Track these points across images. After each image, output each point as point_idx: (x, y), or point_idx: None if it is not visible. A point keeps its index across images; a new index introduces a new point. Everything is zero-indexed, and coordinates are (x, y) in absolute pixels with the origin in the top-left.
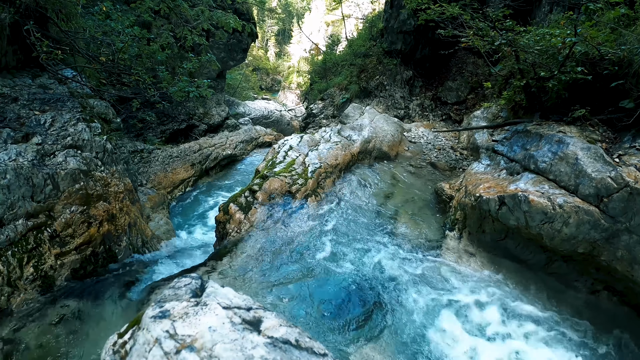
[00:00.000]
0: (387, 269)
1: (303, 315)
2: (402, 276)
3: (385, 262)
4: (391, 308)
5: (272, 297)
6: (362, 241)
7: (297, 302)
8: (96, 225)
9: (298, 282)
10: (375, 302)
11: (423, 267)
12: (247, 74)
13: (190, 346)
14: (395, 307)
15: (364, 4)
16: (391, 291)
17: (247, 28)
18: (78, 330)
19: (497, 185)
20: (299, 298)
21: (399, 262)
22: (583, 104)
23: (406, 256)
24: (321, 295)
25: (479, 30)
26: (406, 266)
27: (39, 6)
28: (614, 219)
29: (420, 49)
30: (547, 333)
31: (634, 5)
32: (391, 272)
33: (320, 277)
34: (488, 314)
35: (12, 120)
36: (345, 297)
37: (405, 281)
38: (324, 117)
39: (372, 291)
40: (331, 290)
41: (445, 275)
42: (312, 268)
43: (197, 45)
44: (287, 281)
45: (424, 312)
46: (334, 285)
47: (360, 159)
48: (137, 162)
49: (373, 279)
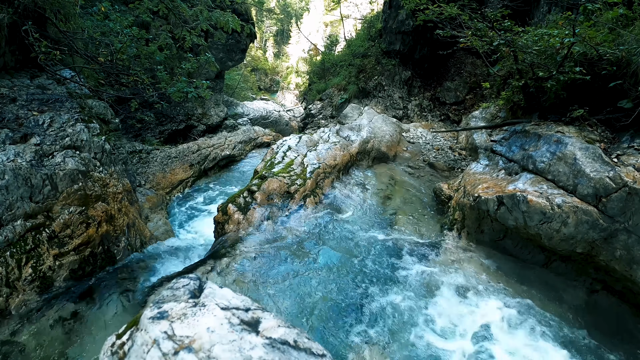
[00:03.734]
0: (386, 270)
1: (303, 315)
2: (401, 276)
3: (384, 262)
4: (389, 308)
5: (271, 298)
6: (361, 241)
7: (297, 302)
8: (95, 226)
9: (297, 282)
10: (374, 302)
11: (422, 267)
12: (245, 75)
13: (189, 347)
14: (393, 307)
15: (363, 4)
16: (390, 291)
17: (246, 29)
18: (77, 331)
19: (495, 185)
20: (299, 298)
21: (398, 262)
22: (581, 104)
23: (405, 256)
24: (321, 295)
25: (477, 30)
26: (405, 266)
27: (38, 6)
28: (613, 219)
29: (418, 49)
30: (544, 331)
31: (632, 5)
32: (390, 272)
33: (320, 277)
34: (486, 313)
35: (10, 120)
36: (345, 297)
37: (404, 281)
38: (322, 117)
39: (371, 292)
40: (331, 290)
41: (444, 275)
42: (311, 268)
43: (196, 46)
44: (286, 281)
45: (421, 312)
46: (334, 285)
47: (358, 160)
48: (135, 162)
49: (372, 279)
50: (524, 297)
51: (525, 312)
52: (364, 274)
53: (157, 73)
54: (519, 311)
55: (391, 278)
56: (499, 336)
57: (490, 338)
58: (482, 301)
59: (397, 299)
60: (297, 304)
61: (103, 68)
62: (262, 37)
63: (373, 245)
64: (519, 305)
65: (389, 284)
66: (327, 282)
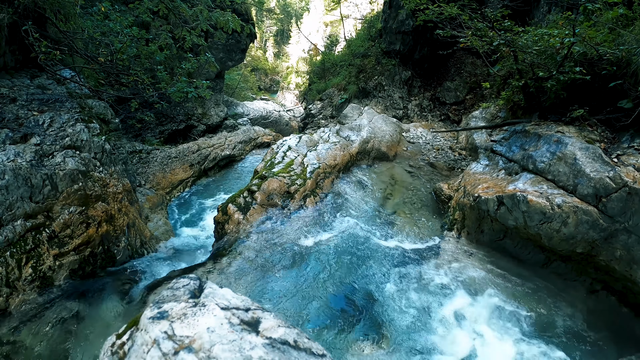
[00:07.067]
0: (385, 270)
1: (302, 315)
2: (400, 277)
3: (383, 262)
4: (387, 308)
5: (271, 298)
6: (360, 241)
7: (296, 302)
8: (95, 226)
9: (297, 282)
10: (372, 302)
11: (421, 268)
12: (245, 75)
13: (189, 347)
14: (391, 306)
15: (363, 4)
16: (388, 291)
17: (246, 29)
18: (76, 331)
19: (495, 185)
20: (298, 298)
21: (397, 262)
22: (581, 104)
23: (405, 256)
24: (320, 295)
25: (477, 30)
26: (404, 266)
27: (38, 6)
28: (613, 219)
29: (418, 49)
30: (544, 332)
31: (632, 5)
32: (390, 272)
33: (320, 277)
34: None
35: (10, 120)
36: (344, 297)
37: (403, 281)
38: (322, 117)
39: (369, 292)
40: (330, 290)
41: (443, 276)
42: (310, 269)
43: (196, 46)
44: (286, 281)
45: (421, 312)
46: (333, 285)
47: (358, 159)
48: (135, 162)
49: (371, 279)
50: (523, 297)
51: (525, 312)
52: (365, 274)
53: (157, 73)
54: (518, 311)
55: (391, 278)
56: (500, 336)
57: (489, 338)
58: (482, 301)
59: (396, 298)
60: (297, 304)
61: (103, 68)
62: (262, 37)
63: (373, 245)
64: (518, 305)
65: (388, 284)
66: (327, 282)
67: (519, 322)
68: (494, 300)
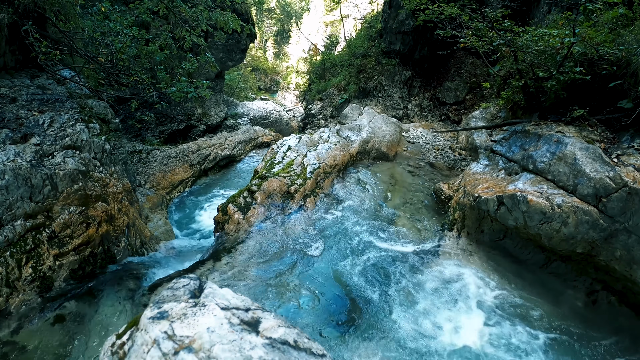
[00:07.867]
0: (385, 270)
1: (302, 315)
2: (400, 277)
3: (383, 261)
4: (387, 308)
5: (271, 298)
6: (360, 242)
7: (296, 302)
8: (95, 226)
9: (297, 282)
10: (372, 302)
11: (421, 268)
12: (245, 75)
13: (189, 347)
14: (391, 306)
15: (363, 4)
16: (388, 291)
17: (246, 29)
18: (76, 331)
19: (495, 185)
20: (299, 298)
21: (397, 262)
22: (581, 104)
23: (404, 256)
24: (320, 295)
25: (477, 30)
26: (405, 266)
27: (38, 6)
28: (613, 219)
29: (418, 49)
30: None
31: (632, 5)
32: (390, 272)
33: (320, 277)
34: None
35: (10, 120)
36: (344, 297)
37: (403, 281)
38: (322, 117)
39: (369, 292)
40: (329, 290)
41: (443, 276)
42: (310, 269)
43: (196, 46)
44: (286, 281)
45: (420, 312)
46: (333, 285)
47: (358, 159)
48: (135, 162)
49: (371, 279)
50: (523, 297)
51: (524, 312)
52: (365, 274)
53: (157, 73)
54: (518, 311)
55: (390, 278)
56: (500, 336)
57: (489, 337)
58: (482, 301)
59: (396, 298)
60: (297, 304)
61: (103, 68)
62: (262, 37)
63: (373, 244)
64: (518, 305)
65: (387, 284)
66: (327, 282)
67: (519, 321)
68: (494, 300)
